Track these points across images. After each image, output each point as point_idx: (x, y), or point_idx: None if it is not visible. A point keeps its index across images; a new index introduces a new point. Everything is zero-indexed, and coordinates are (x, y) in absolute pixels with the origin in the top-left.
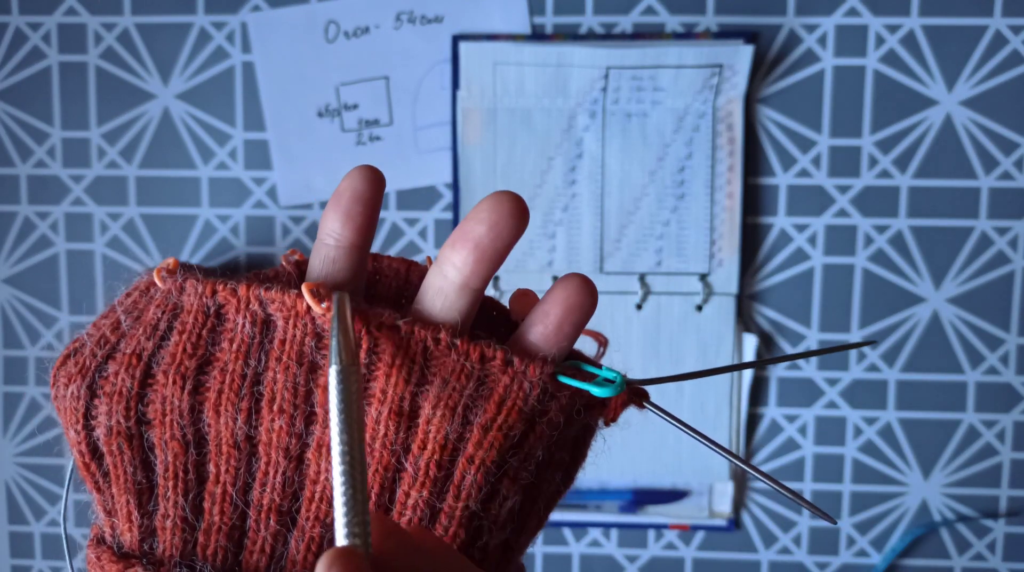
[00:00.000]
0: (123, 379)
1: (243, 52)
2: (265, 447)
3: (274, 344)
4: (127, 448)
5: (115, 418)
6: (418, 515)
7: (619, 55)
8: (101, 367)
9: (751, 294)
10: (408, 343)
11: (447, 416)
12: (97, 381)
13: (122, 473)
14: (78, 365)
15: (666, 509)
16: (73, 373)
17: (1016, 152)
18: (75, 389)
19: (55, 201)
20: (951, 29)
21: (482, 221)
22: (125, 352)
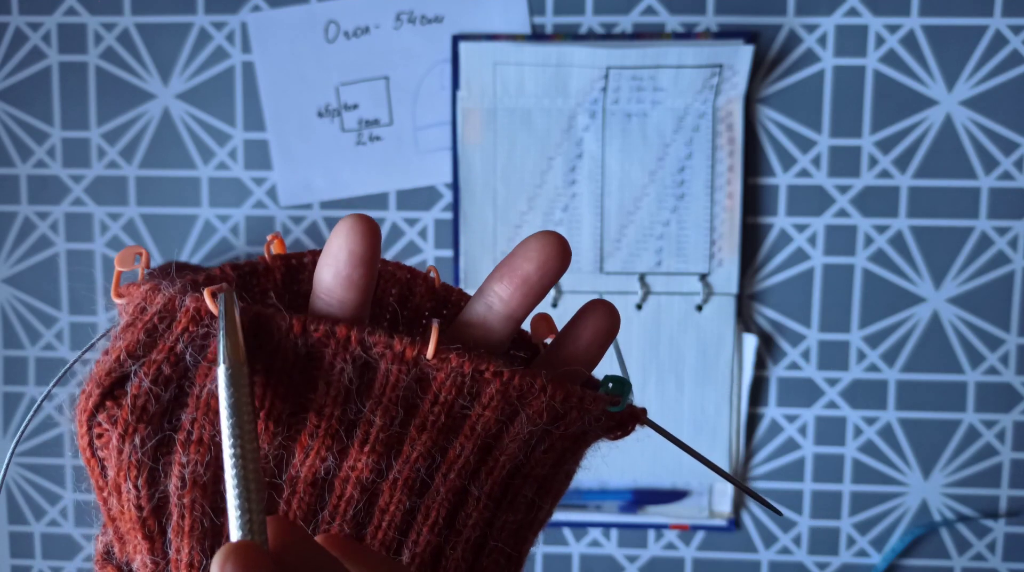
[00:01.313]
0: (203, 427)
1: (243, 52)
2: (341, 482)
3: (375, 386)
4: (200, 498)
5: (194, 469)
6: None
7: (619, 55)
8: (167, 412)
9: (751, 294)
10: (507, 388)
11: (522, 446)
12: (165, 430)
13: (190, 523)
14: (135, 412)
15: (666, 509)
16: (131, 422)
17: (1016, 152)
18: (137, 441)
19: (55, 201)
20: (951, 29)
21: (531, 259)
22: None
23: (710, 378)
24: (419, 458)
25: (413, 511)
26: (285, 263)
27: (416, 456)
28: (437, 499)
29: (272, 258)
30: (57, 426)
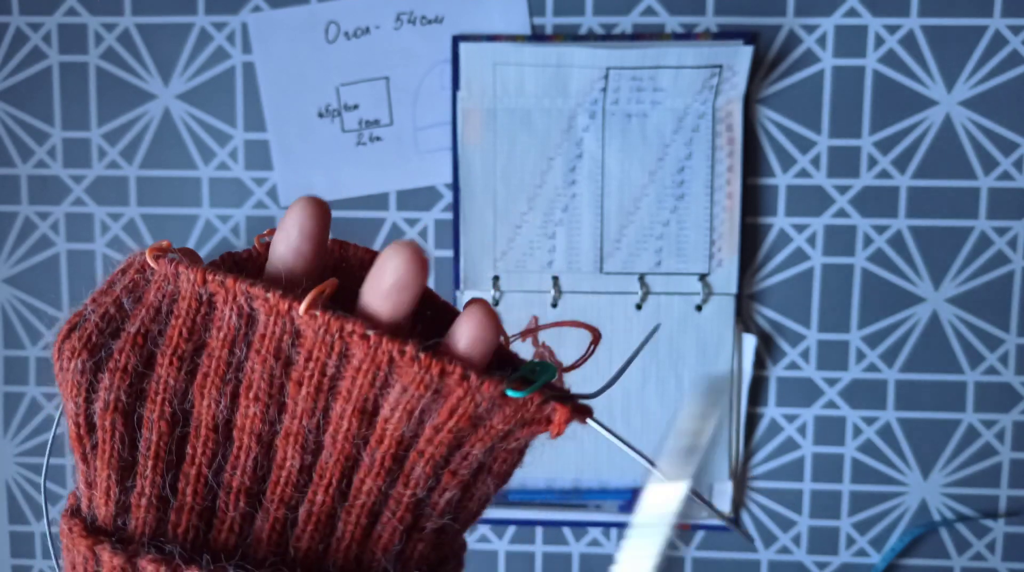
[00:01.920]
0: (128, 357)
1: (243, 52)
2: (239, 432)
3: (255, 336)
4: (120, 424)
5: (115, 394)
6: (372, 499)
7: (619, 56)
8: (106, 344)
9: (750, 294)
10: (375, 352)
11: (404, 418)
12: (103, 357)
13: (109, 448)
14: (82, 340)
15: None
16: (77, 347)
17: (1015, 152)
18: (79, 363)
19: (56, 201)
20: (950, 29)
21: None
22: (130, 331)
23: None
24: (303, 415)
25: (310, 470)
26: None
27: (300, 412)
28: (330, 461)
29: (262, 246)
30: (58, 425)
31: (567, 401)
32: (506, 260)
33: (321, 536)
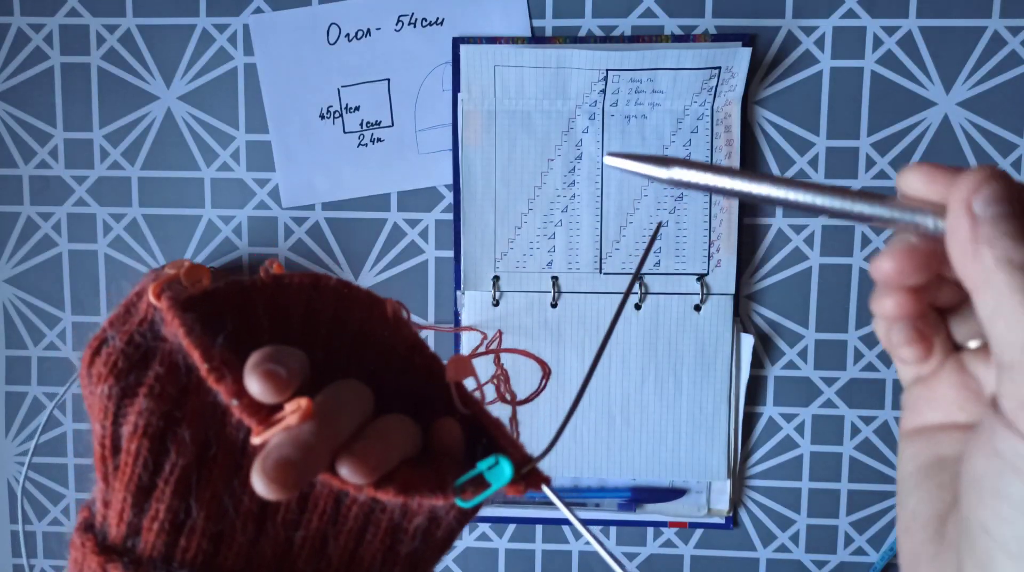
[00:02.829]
0: (168, 385)
1: (245, 54)
2: (250, 459)
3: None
4: (145, 448)
5: (146, 419)
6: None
7: (618, 58)
8: (132, 369)
9: (749, 294)
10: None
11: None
12: (129, 382)
13: (131, 471)
14: (108, 365)
15: (664, 507)
16: (104, 373)
17: (1014, 153)
18: (106, 388)
19: (58, 202)
20: (949, 30)
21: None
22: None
23: (708, 377)
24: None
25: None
26: (276, 282)
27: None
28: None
29: (267, 276)
30: (59, 425)
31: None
32: (506, 260)
33: (315, 558)
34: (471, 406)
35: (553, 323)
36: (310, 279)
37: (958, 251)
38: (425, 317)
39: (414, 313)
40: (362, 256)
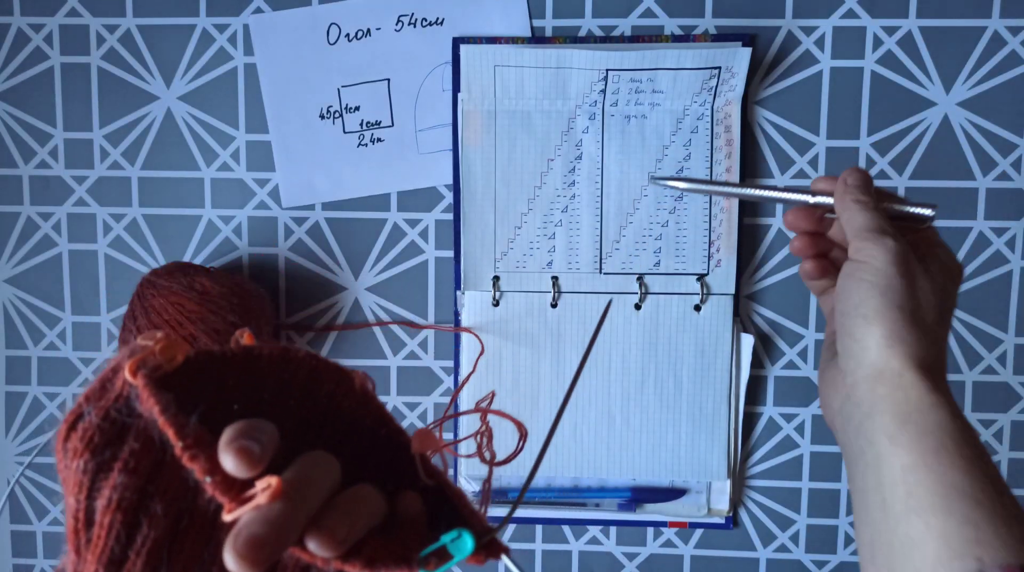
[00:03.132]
0: (142, 460)
1: (245, 54)
2: (220, 531)
3: None
4: (119, 522)
5: (120, 493)
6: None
7: (618, 57)
8: (109, 444)
9: (749, 294)
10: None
11: None
12: (105, 457)
13: (103, 544)
14: (84, 440)
15: (664, 507)
16: (80, 448)
17: (1014, 153)
18: (82, 463)
19: (58, 202)
20: (949, 30)
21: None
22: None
23: (708, 377)
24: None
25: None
26: (247, 353)
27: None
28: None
29: (238, 346)
30: (58, 425)
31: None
32: (506, 260)
33: None
34: (435, 477)
35: (553, 323)
36: (280, 351)
37: (838, 200)
38: (425, 317)
39: (415, 313)
40: (362, 256)
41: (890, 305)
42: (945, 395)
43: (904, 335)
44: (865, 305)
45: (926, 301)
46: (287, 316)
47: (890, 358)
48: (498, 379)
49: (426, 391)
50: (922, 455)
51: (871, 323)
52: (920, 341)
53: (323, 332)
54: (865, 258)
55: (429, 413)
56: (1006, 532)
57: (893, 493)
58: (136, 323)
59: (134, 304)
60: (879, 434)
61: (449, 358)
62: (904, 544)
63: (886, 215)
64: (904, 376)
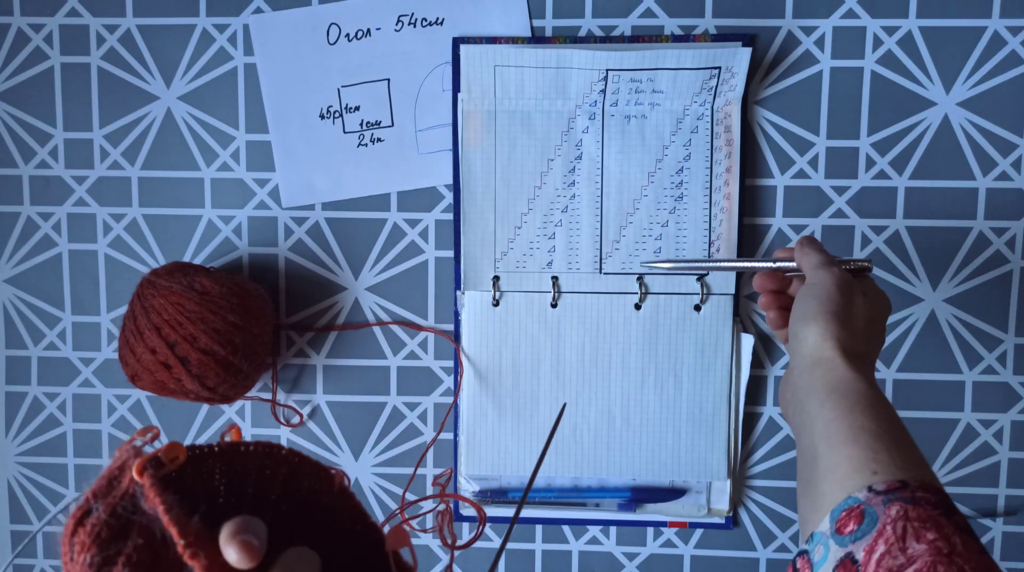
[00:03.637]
0: (144, 555)
1: (245, 54)
2: None
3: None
4: None
5: None
6: None
7: (618, 57)
8: (114, 538)
9: (749, 294)
10: None
11: None
12: (111, 553)
13: None
14: (91, 535)
15: (664, 507)
16: (87, 542)
17: (1014, 153)
18: (88, 557)
19: (58, 202)
20: (949, 30)
21: None
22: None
23: (708, 377)
24: None
25: None
26: (233, 448)
27: None
28: None
29: (223, 443)
30: (59, 425)
31: None
32: (506, 260)
33: None
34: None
35: (553, 323)
36: (264, 447)
37: (798, 251)
38: (425, 317)
39: (414, 313)
40: (362, 256)
41: (827, 310)
42: (867, 376)
43: (836, 332)
44: (808, 311)
45: (858, 313)
46: (287, 316)
47: (824, 349)
48: (498, 379)
49: (426, 391)
50: (841, 411)
51: (811, 323)
52: (848, 337)
53: (323, 332)
54: (815, 280)
55: (429, 413)
56: (898, 456)
57: (820, 440)
58: (136, 323)
59: (134, 304)
60: (813, 403)
61: (449, 358)
62: (824, 471)
63: (833, 259)
64: (835, 361)
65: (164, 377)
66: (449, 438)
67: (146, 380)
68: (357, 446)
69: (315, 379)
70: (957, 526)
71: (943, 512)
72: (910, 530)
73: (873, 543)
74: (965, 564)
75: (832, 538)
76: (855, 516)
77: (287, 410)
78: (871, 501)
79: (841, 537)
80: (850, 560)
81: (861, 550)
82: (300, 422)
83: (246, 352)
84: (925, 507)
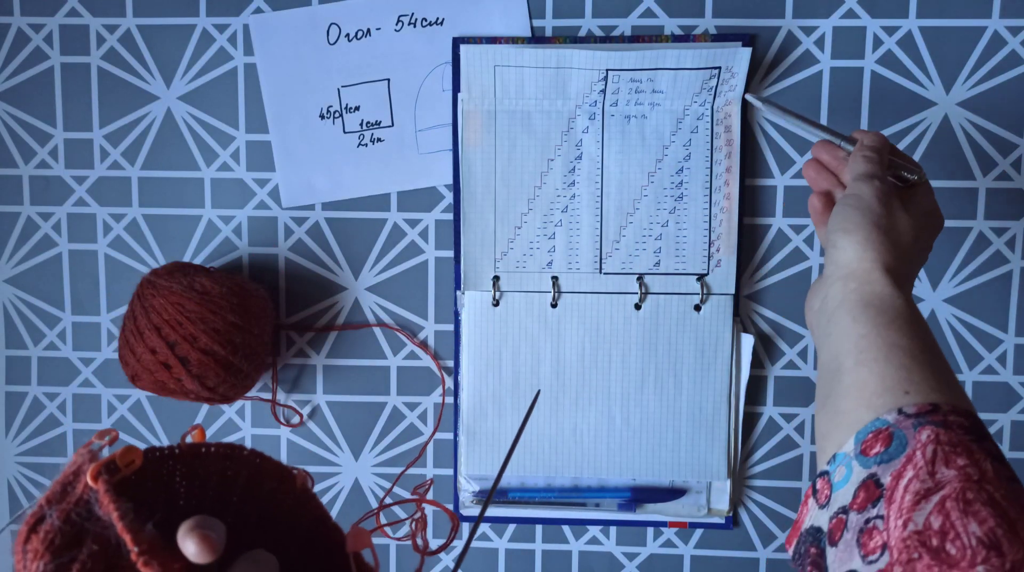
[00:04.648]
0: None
1: (245, 54)
2: None
3: None
4: None
5: None
6: None
7: (618, 57)
8: (71, 547)
9: (749, 294)
10: None
11: None
12: (65, 560)
13: None
14: (44, 542)
15: (664, 507)
16: (40, 550)
17: (1014, 153)
18: (42, 565)
19: (58, 202)
20: (949, 30)
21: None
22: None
23: (708, 377)
24: None
25: None
26: (193, 450)
27: None
28: None
29: (183, 445)
30: (59, 425)
31: None
32: (506, 260)
33: None
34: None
35: (553, 323)
36: (226, 449)
37: (853, 156)
38: (425, 317)
39: (415, 313)
40: (362, 256)
41: (868, 221)
42: (906, 293)
43: (876, 244)
44: (849, 221)
45: (902, 226)
46: (287, 316)
47: (863, 260)
48: (498, 379)
49: (426, 391)
50: (875, 326)
51: (850, 233)
52: (890, 251)
53: (323, 332)
54: (855, 191)
55: (429, 413)
56: (931, 377)
57: (848, 356)
58: (136, 323)
59: (134, 304)
60: (844, 315)
61: (449, 358)
62: (850, 388)
63: (883, 168)
64: (872, 274)
65: (164, 377)
66: (449, 438)
67: (146, 380)
68: (357, 446)
69: (315, 379)
70: (988, 452)
71: (975, 437)
72: (940, 454)
73: (902, 468)
74: (995, 491)
75: (856, 459)
76: (883, 438)
77: (287, 410)
78: (900, 424)
79: (866, 459)
80: (874, 482)
81: (888, 474)
82: (300, 422)
83: (246, 352)
84: (956, 431)
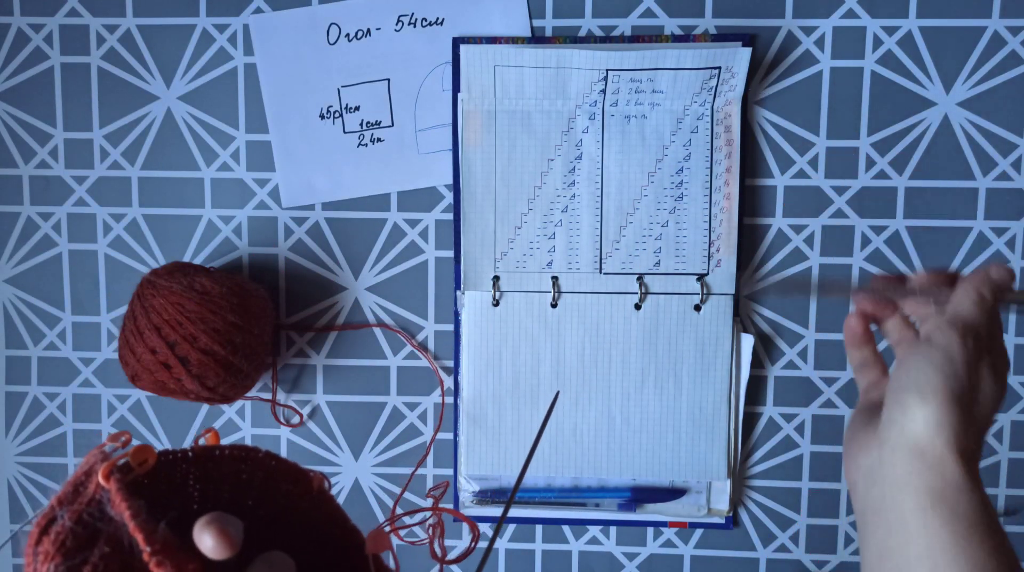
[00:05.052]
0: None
1: (245, 54)
2: None
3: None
4: None
5: None
6: None
7: (618, 57)
8: (79, 547)
9: (749, 294)
10: None
11: None
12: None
13: None
14: (55, 544)
15: (664, 507)
16: (51, 551)
17: (1014, 153)
18: (53, 567)
19: (58, 202)
20: (949, 30)
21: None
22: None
23: (708, 377)
24: None
25: None
26: (208, 453)
27: None
28: None
29: (197, 447)
30: (59, 425)
31: None
32: (506, 260)
33: None
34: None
35: (553, 323)
36: (240, 451)
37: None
38: (425, 317)
39: (415, 313)
40: (362, 256)
41: (949, 392)
42: (978, 483)
43: (954, 423)
44: (928, 385)
45: (983, 400)
46: (287, 316)
47: (935, 438)
48: (498, 379)
49: (426, 391)
50: (953, 536)
51: (927, 402)
52: (967, 432)
53: (323, 332)
54: (943, 343)
55: (429, 413)
56: None
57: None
58: (136, 323)
59: (134, 304)
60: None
61: (449, 358)
62: None
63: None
64: (945, 459)
65: (164, 377)
66: (449, 438)
67: (146, 380)
68: (357, 446)
69: (315, 379)
70: None
71: None
72: None
73: None
74: None
75: None
76: None
77: (287, 410)
78: None
79: None
80: None
81: None
82: (300, 422)
83: (246, 352)
84: None
